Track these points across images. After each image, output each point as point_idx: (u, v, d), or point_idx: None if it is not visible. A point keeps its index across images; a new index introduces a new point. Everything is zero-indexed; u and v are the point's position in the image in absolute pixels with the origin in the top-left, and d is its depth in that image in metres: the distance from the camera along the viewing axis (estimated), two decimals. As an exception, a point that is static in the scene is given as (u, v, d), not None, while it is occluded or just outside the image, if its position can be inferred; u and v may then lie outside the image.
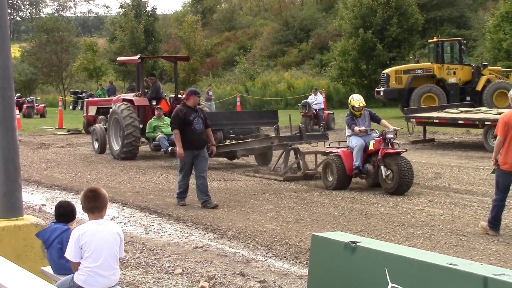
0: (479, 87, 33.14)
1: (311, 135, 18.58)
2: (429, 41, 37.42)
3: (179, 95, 22.14)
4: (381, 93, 34.49)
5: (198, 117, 13.49)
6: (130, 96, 22.85)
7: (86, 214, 5.98)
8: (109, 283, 5.75)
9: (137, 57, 23.07)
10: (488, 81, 33.08)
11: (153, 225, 11.80)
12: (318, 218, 11.97)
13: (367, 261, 5.88)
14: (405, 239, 10.18)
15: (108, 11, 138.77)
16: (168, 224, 11.91)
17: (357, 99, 15.33)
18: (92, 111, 29.24)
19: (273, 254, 9.62)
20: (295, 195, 14.28)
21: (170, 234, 11.10)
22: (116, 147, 21.86)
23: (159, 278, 8.39)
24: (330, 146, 16.75)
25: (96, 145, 23.79)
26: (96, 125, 24.45)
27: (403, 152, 14.67)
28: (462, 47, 34.56)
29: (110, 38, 69.37)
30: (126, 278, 8.34)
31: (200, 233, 11.10)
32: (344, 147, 15.44)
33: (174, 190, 15.65)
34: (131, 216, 12.64)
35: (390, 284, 5.41)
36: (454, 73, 33.88)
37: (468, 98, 32.06)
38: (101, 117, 26.24)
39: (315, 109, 31.21)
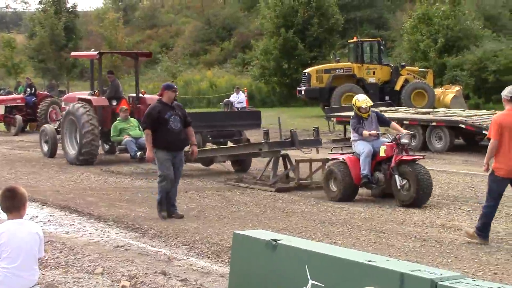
0: (397, 87, 33.90)
1: (304, 141, 16.66)
2: (349, 41, 38.05)
3: (140, 94, 20.81)
4: (303, 92, 34.90)
5: (175, 115, 12.02)
6: (86, 94, 21.03)
7: (5, 214, 5.80)
8: (28, 284, 5.62)
9: (95, 52, 21.23)
10: (406, 81, 33.88)
11: (73, 224, 11.64)
12: (240, 216, 12.02)
13: (287, 258, 5.93)
14: (325, 236, 10.32)
15: (27, 7, 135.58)
16: (88, 223, 11.76)
17: (362, 99, 13.53)
18: (1, 110, 28.18)
19: (194, 252, 9.62)
20: (217, 193, 14.31)
21: (90, 233, 10.97)
22: (72, 151, 19.90)
23: (79, 278, 8.28)
24: (332, 151, 14.85)
25: (46, 147, 21.62)
26: (46, 125, 22.75)
27: (420, 159, 13.24)
28: (381, 47, 35.32)
29: (29, 34, 67.84)
30: (45, 279, 8.21)
31: (121, 232, 11.02)
32: (349, 152, 13.81)
33: (95, 189, 15.44)
34: (50, 215, 12.45)
35: (310, 281, 5.48)
36: (374, 73, 34.55)
37: (387, 98, 32.79)
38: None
39: (238, 108, 31.32)
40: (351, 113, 23.60)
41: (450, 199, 13.05)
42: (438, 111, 24.07)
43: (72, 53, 30.42)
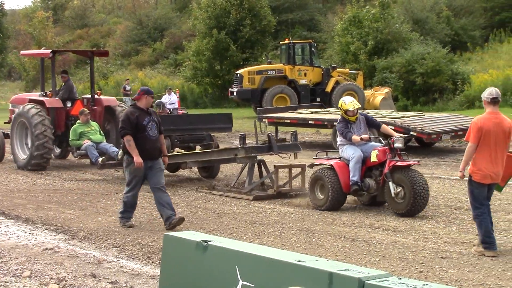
0: (328, 89, 34.30)
1: (282, 146, 15.56)
2: (281, 42, 38.33)
3: (96, 96, 19.67)
4: (235, 93, 34.99)
5: (152, 121, 11.37)
6: (36, 95, 19.91)
7: None
8: None
9: (48, 51, 20.10)
10: (337, 82, 34.31)
11: (0, 227, 11.36)
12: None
13: (218, 259, 5.96)
14: (256, 237, 10.38)
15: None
16: (16, 225, 11.56)
17: (349, 102, 12.63)
18: None
19: (125, 254, 9.55)
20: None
21: (18, 236, 10.78)
22: (22, 155, 18.87)
23: (5, 282, 8.13)
24: (317, 157, 13.66)
25: None
26: None
27: (416, 164, 12.22)
28: (313, 49, 35.67)
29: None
30: (-29, 284, 8.00)
31: (50, 235, 10.87)
32: (336, 158, 12.88)
33: (23, 191, 15.17)
34: (-24, 219, 12.09)
35: (241, 282, 5.51)
36: (305, 74, 34.87)
37: (318, 99, 33.15)
38: None
39: (170, 109, 31.17)
40: (283, 115, 23.83)
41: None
42: (368, 113, 24.36)
43: (22, 52, 29.49)
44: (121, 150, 14.85)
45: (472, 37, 48.54)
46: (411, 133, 18.96)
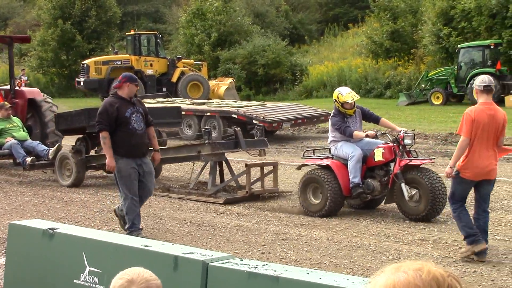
0: (174, 79, 34.33)
1: (249, 142, 13.61)
2: (126, 33, 37.91)
3: (17, 87, 17.04)
4: (82, 84, 34.29)
5: (137, 112, 9.46)
6: None
7: None
8: None
9: None
10: (182, 73, 34.39)
11: None
12: (18, 207, 11.65)
13: (65, 246, 5.88)
14: (104, 224, 10.30)
15: None
16: None
17: (347, 93, 10.67)
18: None
19: None
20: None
21: None
22: None
23: None
24: (305, 156, 11.61)
25: None
26: None
27: (430, 162, 10.71)
28: (158, 40, 35.57)
29: None
30: None
31: None
32: (328, 156, 10.98)
33: None
34: None
35: (88, 268, 5.44)
36: (151, 65, 34.69)
37: (164, 89, 33.10)
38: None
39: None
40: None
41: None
42: (212, 102, 24.68)
43: None
44: (52, 148, 13.72)
45: (309, 31, 50.16)
46: (254, 121, 19.32)
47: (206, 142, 12.75)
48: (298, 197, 11.26)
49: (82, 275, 5.51)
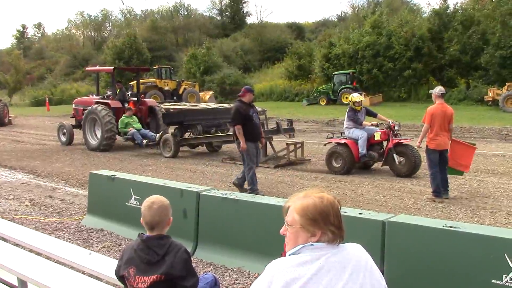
0: (180, 92, 35.22)
1: (284, 129, 11.95)
2: (154, 67, 39.00)
3: (141, 99, 15.68)
4: (129, 95, 32.05)
5: (255, 112, 8.47)
6: (97, 99, 15.34)
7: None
8: None
9: (111, 67, 16.24)
10: (185, 89, 37.14)
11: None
12: (95, 163, 11.54)
13: (120, 186, 6.54)
14: (141, 172, 10.05)
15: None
16: (3, 171, 11.47)
17: (357, 96, 10.23)
18: None
19: (68, 184, 9.80)
20: (83, 151, 13.14)
21: (6, 176, 10.45)
22: (93, 141, 14.80)
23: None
24: (328, 137, 10.55)
25: (63, 138, 16.04)
26: (63, 121, 17.45)
27: (411, 141, 10.25)
28: (171, 70, 39.77)
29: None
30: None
31: (24, 175, 11.03)
32: (344, 138, 10.29)
33: (8, 151, 13.50)
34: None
35: (133, 196, 5.44)
36: (167, 84, 37.85)
37: (174, 98, 33.22)
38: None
39: None
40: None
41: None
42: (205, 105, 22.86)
43: (88, 68, 21.15)
44: (158, 134, 14.13)
45: (254, 65, 50.11)
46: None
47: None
48: (325, 163, 10.85)
49: (130, 200, 5.54)
